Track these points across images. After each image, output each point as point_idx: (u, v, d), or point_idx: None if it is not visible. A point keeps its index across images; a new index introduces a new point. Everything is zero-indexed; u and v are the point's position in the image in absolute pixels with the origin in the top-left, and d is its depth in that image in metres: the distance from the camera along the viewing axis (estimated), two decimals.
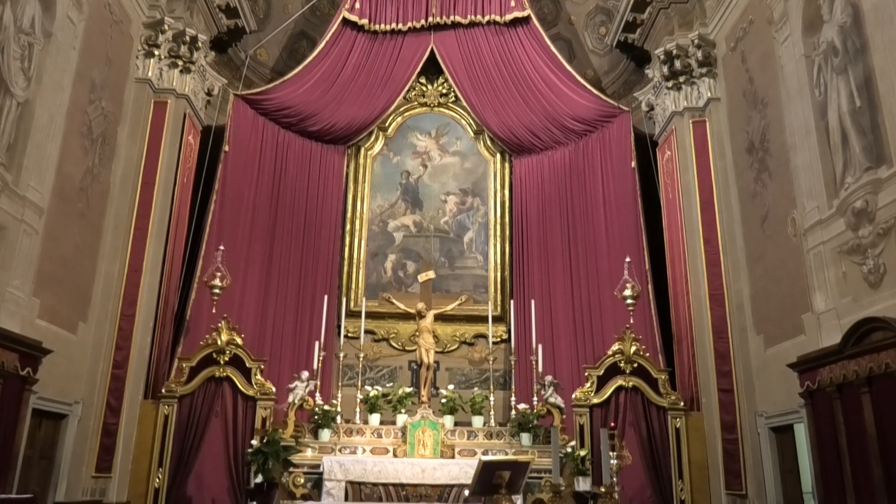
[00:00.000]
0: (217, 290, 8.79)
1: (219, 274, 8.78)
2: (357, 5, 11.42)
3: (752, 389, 8.49)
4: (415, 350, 10.25)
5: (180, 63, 9.75)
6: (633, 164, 10.47)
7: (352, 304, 10.99)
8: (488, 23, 11.46)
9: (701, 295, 9.15)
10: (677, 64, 9.93)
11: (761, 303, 8.42)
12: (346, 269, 11.34)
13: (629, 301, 8.88)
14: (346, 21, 11.38)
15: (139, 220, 8.97)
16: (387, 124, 12.03)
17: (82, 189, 8.05)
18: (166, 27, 9.56)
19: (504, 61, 11.42)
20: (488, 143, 12.00)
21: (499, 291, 11.29)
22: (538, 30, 11.32)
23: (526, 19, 11.36)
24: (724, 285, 9.02)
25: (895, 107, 5.94)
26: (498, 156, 11.98)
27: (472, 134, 12.10)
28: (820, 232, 7.10)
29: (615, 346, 8.81)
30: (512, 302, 10.81)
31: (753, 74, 8.67)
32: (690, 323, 9.24)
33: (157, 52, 9.52)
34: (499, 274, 11.40)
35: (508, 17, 11.34)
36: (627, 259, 9.09)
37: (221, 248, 9.03)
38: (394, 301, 10.75)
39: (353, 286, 11.26)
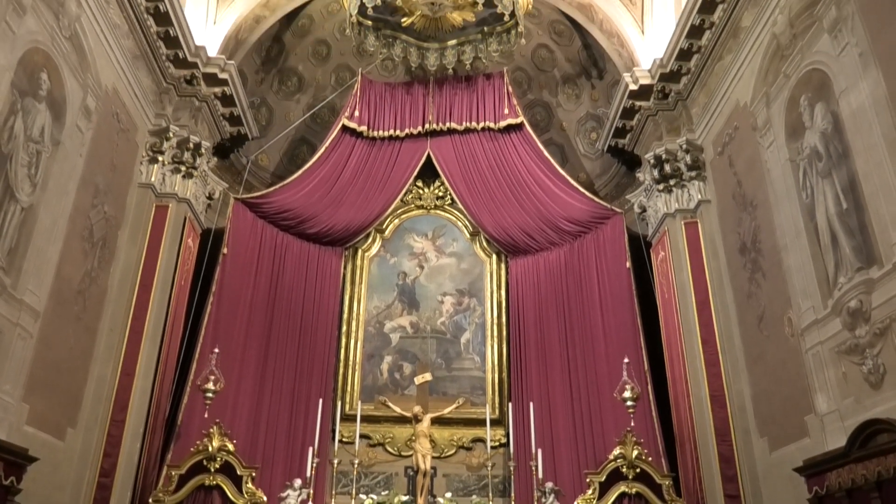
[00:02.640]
0: (210, 394, 8.64)
1: (212, 377, 8.66)
2: (356, 113, 11.87)
3: (760, 495, 8.23)
4: (411, 455, 9.98)
5: (183, 168, 10.01)
6: (628, 264, 10.57)
7: (347, 407, 10.78)
8: (483, 129, 11.89)
9: (702, 396, 9.02)
10: (667, 168, 10.23)
11: (763, 404, 8.30)
12: (341, 371, 11.20)
13: (629, 403, 8.74)
14: (345, 128, 11.80)
15: (135, 322, 8.94)
16: (384, 226, 12.22)
17: (80, 292, 8.07)
18: (171, 134, 9.87)
19: (499, 165, 11.76)
20: (484, 244, 12.15)
21: (496, 394, 11.11)
22: (531, 135, 11.73)
23: (519, 126, 11.79)
24: (724, 386, 8.92)
25: (881, 209, 6.08)
26: (494, 257, 12.10)
27: (468, 235, 12.28)
28: (817, 332, 7.09)
29: (617, 451, 8.58)
30: (510, 405, 10.62)
31: (741, 178, 8.91)
32: (692, 425, 9.06)
33: (160, 158, 9.78)
34: (496, 376, 11.26)
35: (502, 123, 11.78)
36: (626, 360, 9.02)
37: (216, 350, 8.95)
38: (390, 404, 10.57)
39: (349, 389, 11.09)
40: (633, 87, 10.42)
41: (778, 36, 7.81)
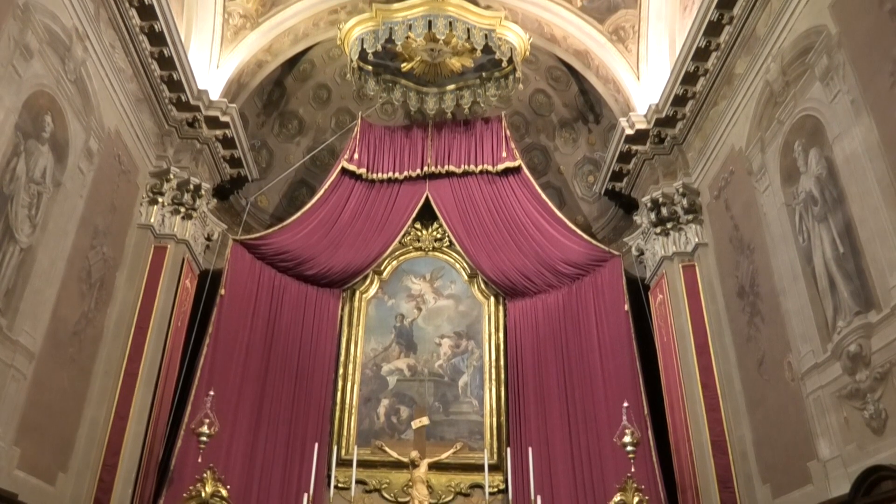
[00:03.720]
0: (205, 438, 8.50)
1: (207, 421, 8.54)
2: (356, 156, 11.99)
3: None
4: (408, 501, 9.81)
5: (183, 210, 10.04)
6: (627, 307, 10.55)
7: (343, 451, 10.62)
8: (481, 172, 12.00)
9: (703, 442, 8.92)
10: (664, 211, 10.29)
11: (765, 450, 8.20)
12: (337, 414, 11.06)
13: (629, 448, 8.61)
14: (344, 170, 11.91)
15: (130, 364, 8.85)
16: (382, 268, 12.23)
17: (75, 333, 8.02)
18: (172, 176, 9.93)
19: (497, 208, 11.83)
20: (482, 286, 12.14)
21: (494, 438, 10.96)
22: (529, 178, 11.83)
23: (517, 169, 11.91)
24: (725, 432, 8.82)
25: (878, 253, 6.10)
26: (492, 299, 12.08)
27: (466, 277, 12.28)
28: (817, 376, 7.05)
29: (617, 498, 8.42)
30: (508, 450, 10.46)
31: (738, 221, 8.96)
32: (694, 471, 8.93)
33: (160, 200, 9.82)
34: (494, 420, 11.13)
35: (500, 167, 11.91)
36: (625, 404, 8.93)
37: (211, 393, 8.86)
38: (386, 449, 10.42)
39: (345, 433, 10.94)
40: (629, 131, 10.56)
41: (771, 83, 7.95)
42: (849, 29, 6.53)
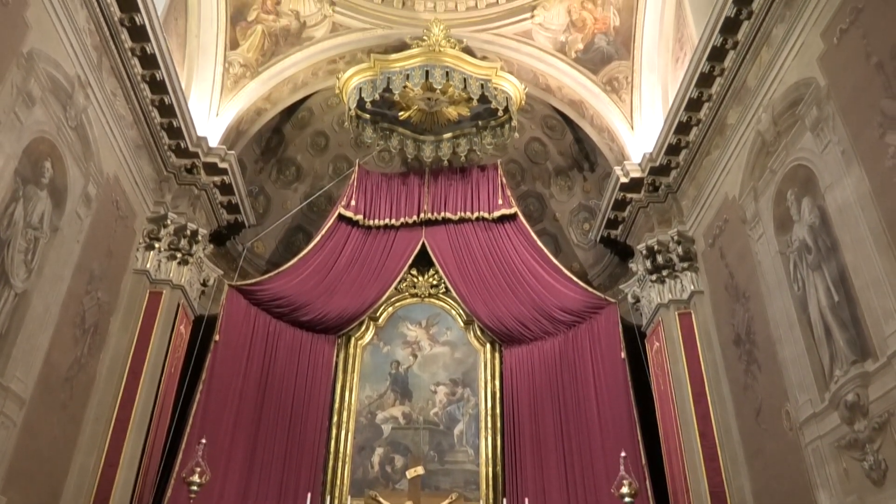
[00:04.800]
0: (195, 487, 8.35)
1: (198, 469, 8.39)
2: (353, 202, 12.08)
3: None
4: None
5: (179, 255, 10.04)
6: (623, 355, 10.50)
7: (336, 502, 10.42)
8: (477, 219, 12.09)
9: (701, 492, 8.77)
10: (659, 258, 10.33)
11: (765, 501, 8.06)
12: (331, 463, 10.89)
13: (627, 499, 8.47)
14: (341, 216, 11.99)
15: (121, 410, 8.74)
16: (378, 314, 12.20)
17: (67, 379, 7.93)
18: (169, 222, 9.96)
19: (493, 254, 11.88)
20: (478, 333, 12.09)
21: (490, 488, 10.77)
22: (525, 225, 11.91)
23: (513, 216, 12.00)
24: (724, 482, 8.69)
25: (872, 302, 6.11)
26: (488, 346, 12.02)
27: (462, 324, 12.24)
28: (815, 426, 6.99)
29: None
30: (505, 500, 10.29)
31: (733, 269, 8.99)
32: None
33: (157, 245, 9.83)
34: (490, 469, 10.95)
35: (496, 213, 12.00)
36: (623, 454, 8.81)
37: (203, 441, 8.73)
38: (381, 500, 10.25)
39: (338, 483, 10.74)
40: (623, 179, 10.67)
41: (763, 133, 8.08)
42: (837, 81, 6.67)
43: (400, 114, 11.58)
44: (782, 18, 7.56)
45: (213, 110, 10.84)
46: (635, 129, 11.05)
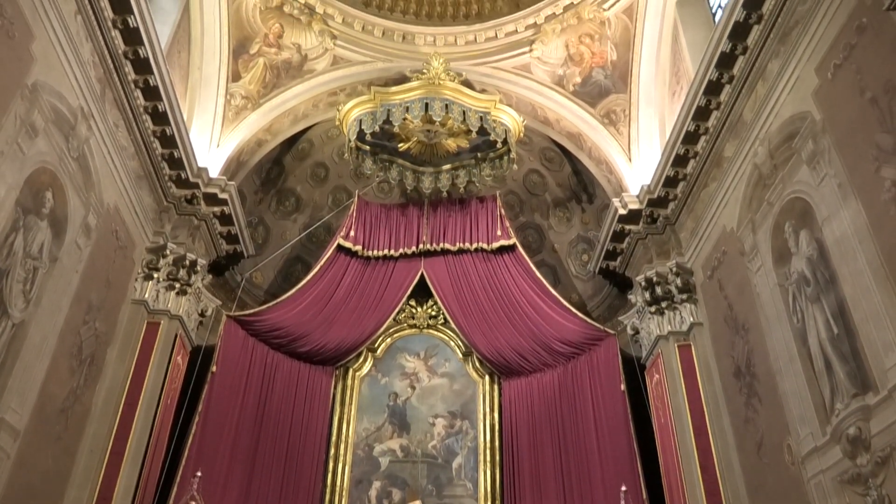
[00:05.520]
0: None
1: (193, 503, 8.29)
2: (352, 233, 12.11)
3: None
4: None
5: (177, 285, 10.03)
6: (623, 387, 10.44)
7: None
8: (476, 250, 12.11)
9: None
10: (658, 290, 10.32)
11: None
12: (327, 497, 10.75)
13: None
14: (340, 247, 12.00)
15: (116, 443, 8.64)
16: (376, 345, 12.15)
17: (63, 411, 7.86)
18: (168, 252, 9.96)
19: (492, 286, 11.87)
20: (477, 364, 12.03)
21: None
22: (524, 257, 11.93)
23: (512, 247, 12.02)
24: None
25: (872, 334, 6.10)
26: (487, 378, 11.95)
27: (460, 355, 12.18)
28: (817, 460, 6.92)
29: None
30: None
31: (732, 301, 8.98)
32: None
33: (156, 275, 9.81)
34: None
35: (495, 245, 12.03)
36: (623, 488, 8.72)
37: (199, 473, 8.63)
38: None
39: None
40: (622, 211, 10.71)
41: (759, 166, 8.14)
42: (832, 115, 6.75)
43: (399, 145, 11.68)
44: (777, 54, 7.67)
45: (214, 141, 10.92)
46: (633, 161, 11.13)
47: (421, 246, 12.17)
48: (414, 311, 12.54)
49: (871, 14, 6.11)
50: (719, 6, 9.90)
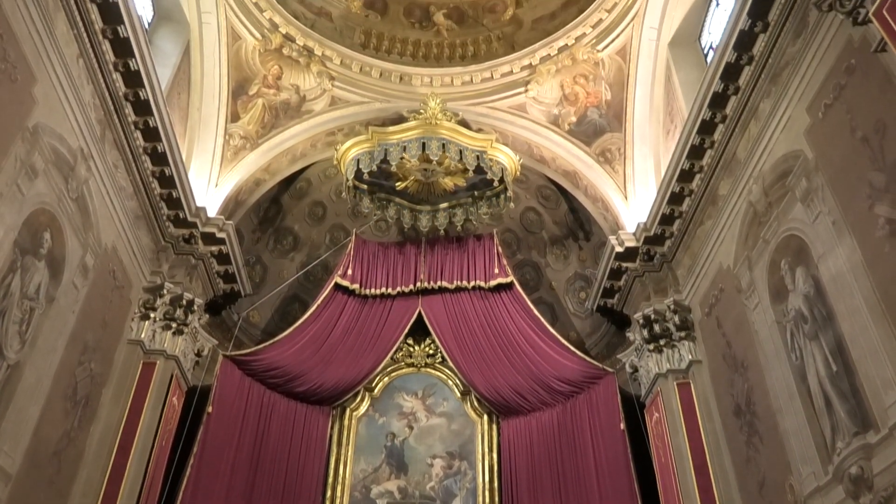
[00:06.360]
0: None
1: None
2: (349, 271, 12.12)
3: None
4: None
5: (174, 325, 9.98)
6: (622, 426, 10.33)
7: None
8: (474, 288, 12.10)
9: None
10: (656, 328, 10.30)
11: None
12: None
13: None
14: (337, 286, 11.99)
15: (109, 486, 8.50)
16: (373, 385, 12.05)
17: (56, 454, 7.76)
18: (165, 291, 9.94)
19: (489, 324, 11.83)
20: (475, 403, 11.92)
21: None
22: (521, 294, 11.92)
23: (509, 285, 12.02)
24: None
25: (871, 371, 6.09)
26: (485, 417, 11.83)
27: (458, 395, 12.08)
28: (820, 500, 6.83)
29: None
30: None
31: (730, 339, 8.96)
32: None
33: (152, 315, 9.78)
34: None
35: (493, 283, 12.03)
36: None
37: None
38: None
39: None
40: (618, 249, 10.74)
41: (754, 203, 8.20)
42: (824, 154, 6.83)
43: (397, 184, 11.76)
44: (768, 94, 7.79)
45: (212, 181, 11.00)
46: (629, 199, 11.21)
47: (418, 284, 12.17)
48: (411, 349, 12.48)
49: (859, 55, 6.23)
50: (711, 47, 10.08)
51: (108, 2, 7.40)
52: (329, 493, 10.98)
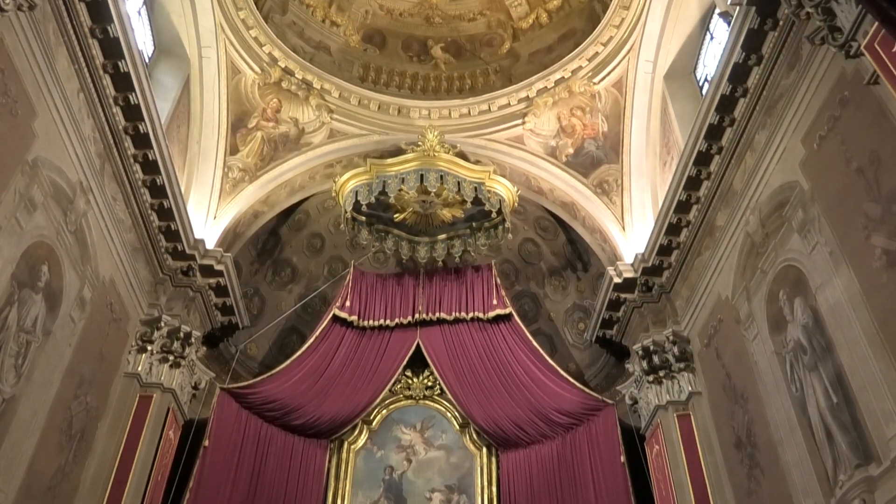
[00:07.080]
0: None
1: None
2: (347, 303, 12.08)
3: None
4: None
5: (171, 358, 9.92)
6: (623, 459, 10.23)
7: None
8: (472, 319, 12.07)
9: None
10: (655, 359, 10.25)
11: None
12: None
13: None
14: (336, 318, 11.95)
15: None
16: (371, 417, 11.94)
17: (50, 489, 7.65)
18: (163, 324, 9.90)
19: (488, 355, 11.77)
20: (474, 436, 11.81)
21: None
22: (520, 325, 11.89)
23: (508, 316, 11.99)
24: None
25: (871, 403, 6.04)
26: (484, 450, 11.71)
27: (457, 427, 11.97)
28: None
29: None
30: None
31: (730, 370, 8.91)
32: None
33: (149, 348, 9.72)
34: None
35: (491, 314, 12.01)
36: None
37: None
38: None
39: None
40: (617, 280, 10.74)
41: (751, 234, 8.22)
42: (820, 185, 6.87)
43: (395, 216, 11.80)
44: (763, 125, 7.86)
45: (211, 213, 11.02)
46: (627, 230, 11.24)
47: (417, 316, 12.14)
48: (410, 381, 12.39)
49: (852, 88, 6.30)
50: (706, 80, 10.20)
51: (109, 37, 7.48)
52: None
